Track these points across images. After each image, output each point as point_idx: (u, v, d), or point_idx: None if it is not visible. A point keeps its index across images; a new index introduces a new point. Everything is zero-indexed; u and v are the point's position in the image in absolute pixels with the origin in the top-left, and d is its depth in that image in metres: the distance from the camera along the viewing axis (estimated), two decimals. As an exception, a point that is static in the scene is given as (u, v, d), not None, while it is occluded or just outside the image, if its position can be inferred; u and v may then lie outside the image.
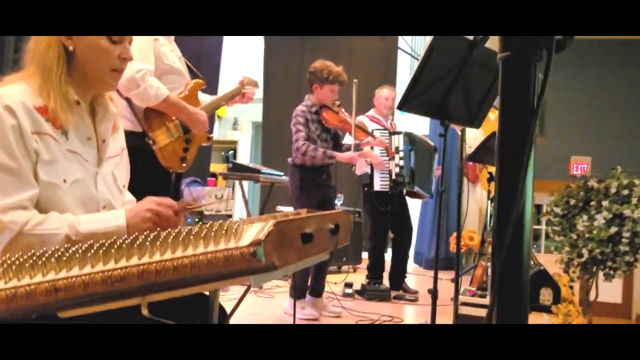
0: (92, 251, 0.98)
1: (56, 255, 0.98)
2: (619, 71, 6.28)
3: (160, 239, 0.99)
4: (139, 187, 1.72)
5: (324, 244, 1.26)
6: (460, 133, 2.52)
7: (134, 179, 1.66)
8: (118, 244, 0.99)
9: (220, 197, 6.12)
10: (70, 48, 1.37)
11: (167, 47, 2.65)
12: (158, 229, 1.08)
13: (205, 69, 2.87)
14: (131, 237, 1.01)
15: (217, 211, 6.19)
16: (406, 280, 4.98)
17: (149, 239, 1.00)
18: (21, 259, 0.99)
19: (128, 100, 2.50)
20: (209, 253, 0.97)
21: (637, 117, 6.39)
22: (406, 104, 1.96)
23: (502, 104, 0.65)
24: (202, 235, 1.00)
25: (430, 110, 2.01)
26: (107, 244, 1.00)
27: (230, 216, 6.58)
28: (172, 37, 2.76)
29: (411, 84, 1.92)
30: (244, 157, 10.82)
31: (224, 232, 1.01)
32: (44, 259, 0.98)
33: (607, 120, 6.38)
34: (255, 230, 1.04)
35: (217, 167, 9.16)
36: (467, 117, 2.11)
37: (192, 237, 1.00)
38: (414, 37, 7.67)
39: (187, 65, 2.81)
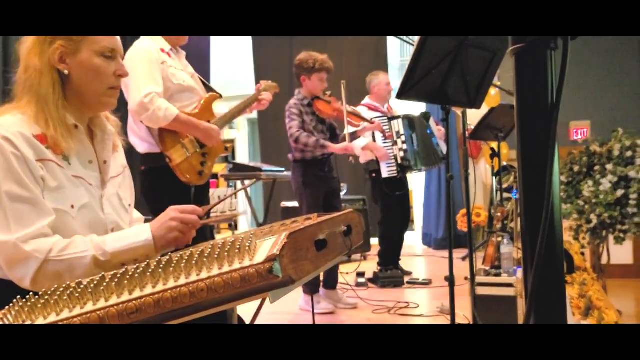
0: (105, 284, 0.95)
1: (68, 291, 0.95)
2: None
3: (173, 264, 0.97)
4: (166, 205, 1.69)
5: (339, 248, 1.23)
6: (460, 115, 2.49)
7: (159, 196, 1.60)
8: (130, 273, 0.96)
9: (223, 198, 6.11)
10: (65, 72, 1.33)
11: (176, 67, 2.63)
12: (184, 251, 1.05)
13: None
14: (143, 265, 0.98)
15: (222, 212, 6.18)
16: (416, 263, 4.97)
17: (161, 265, 0.97)
18: (33, 299, 0.96)
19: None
20: (225, 274, 0.94)
21: (633, 77, 6.33)
22: (405, 93, 1.93)
23: (518, 101, 0.61)
24: (216, 255, 0.97)
25: (430, 96, 1.98)
26: (119, 275, 0.97)
27: (235, 215, 6.56)
28: (183, 55, 2.75)
29: (408, 73, 1.89)
30: (242, 155, 10.80)
31: (237, 250, 0.98)
32: (56, 297, 0.95)
33: (604, 83, 6.33)
34: (269, 245, 1.01)
35: (216, 167, 9.14)
36: (467, 99, 2.07)
37: (205, 258, 0.97)
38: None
39: (202, 81, 2.80)
